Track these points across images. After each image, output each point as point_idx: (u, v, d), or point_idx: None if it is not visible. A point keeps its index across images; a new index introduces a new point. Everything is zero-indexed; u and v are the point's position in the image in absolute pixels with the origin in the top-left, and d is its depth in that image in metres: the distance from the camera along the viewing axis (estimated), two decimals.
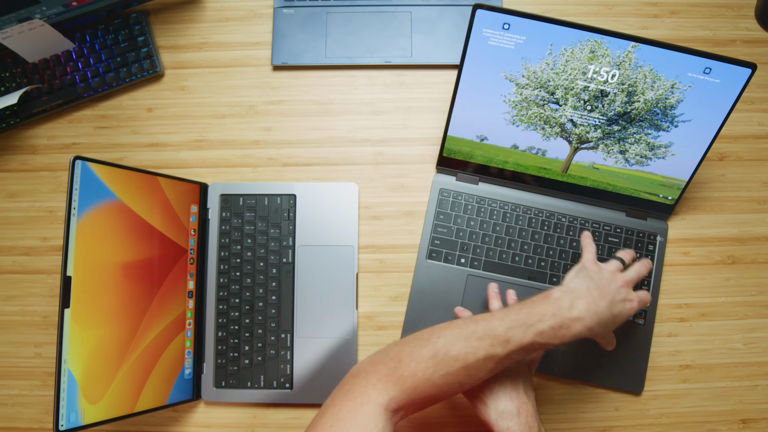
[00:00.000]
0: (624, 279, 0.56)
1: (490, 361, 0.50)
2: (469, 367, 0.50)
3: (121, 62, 0.75)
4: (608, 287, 0.54)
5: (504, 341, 0.50)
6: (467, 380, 0.51)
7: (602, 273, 0.56)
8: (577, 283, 0.54)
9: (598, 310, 0.52)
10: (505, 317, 0.52)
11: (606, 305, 0.52)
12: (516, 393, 0.57)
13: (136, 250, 0.62)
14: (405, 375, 0.49)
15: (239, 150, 0.75)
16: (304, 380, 0.69)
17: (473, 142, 0.70)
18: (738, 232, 0.74)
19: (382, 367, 0.51)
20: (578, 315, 0.51)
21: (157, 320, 0.64)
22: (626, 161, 0.68)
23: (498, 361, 0.50)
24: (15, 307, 0.73)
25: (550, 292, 0.53)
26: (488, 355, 0.50)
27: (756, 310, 0.72)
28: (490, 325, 0.51)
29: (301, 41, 0.76)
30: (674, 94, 0.62)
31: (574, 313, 0.51)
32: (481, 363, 0.50)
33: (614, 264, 0.59)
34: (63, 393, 0.53)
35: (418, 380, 0.49)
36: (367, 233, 0.73)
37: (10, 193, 0.75)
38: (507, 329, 0.50)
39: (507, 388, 0.57)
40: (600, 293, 0.53)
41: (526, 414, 0.56)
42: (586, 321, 0.51)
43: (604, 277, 0.56)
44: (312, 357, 0.69)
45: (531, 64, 0.63)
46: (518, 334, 0.50)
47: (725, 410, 0.70)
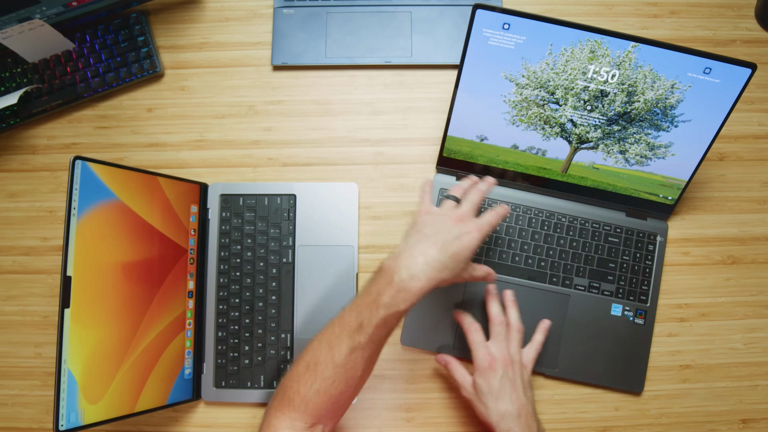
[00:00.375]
0: (456, 215, 0.56)
1: (356, 351, 0.51)
2: (341, 364, 0.51)
3: (121, 62, 0.75)
4: (435, 232, 0.54)
5: (358, 328, 0.51)
6: (350, 376, 0.52)
7: (431, 218, 0.56)
8: (404, 243, 0.54)
9: (429, 260, 0.51)
10: (353, 305, 0.53)
11: (437, 250, 0.52)
12: (516, 395, 0.58)
13: (136, 250, 0.62)
14: (291, 396, 0.52)
15: (239, 150, 0.75)
16: None
17: (473, 142, 0.70)
18: (738, 232, 0.74)
19: (276, 398, 0.54)
20: (411, 273, 0.51)
21: (157, 320, 0.64)
22: (626, 161, 0.68)
23: (365, 348, 0.51)
24: (15, 307, 0.73)
25: (382, 262, 0.54)
26: (351, 347, 0.51)
27: (756, 310, 0.72)
28: (342, 318, 0.52)
29: (301, 41, 0.76)
30: (674, 94, 0.62)
31: (407, 273, 0.51)
32: (349, 357, 0.51)
33: (446, 205, 0.58)
34: (63, 393, 0.53)
35: (304, 395, 0.52)
36: (367, 233, 0.73)
37: (10, 193, 0.75)
38: (357, 316, 0.51)
39: (507, 391, 0.58)
40: (427, 242, 0.53)
41: (526, 415, 0.57)
42: (420, 275, 0.51)
43: (431, 222, 0.55)
44: None
45: (531, 64, 0.63)
46: (367, 316, 0.51)
47: (725, 410, 0.70)
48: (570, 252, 0.71)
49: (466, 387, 0.62)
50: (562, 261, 0.71)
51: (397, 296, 0.50)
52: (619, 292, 0.71)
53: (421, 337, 0.70)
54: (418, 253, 0.52)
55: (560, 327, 0.70)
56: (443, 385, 0.70)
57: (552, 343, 0.69)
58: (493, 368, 0.60)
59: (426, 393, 0.70)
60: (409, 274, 0.51)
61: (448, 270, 0.52)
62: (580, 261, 0.71)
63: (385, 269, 0.52)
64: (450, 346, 0.69)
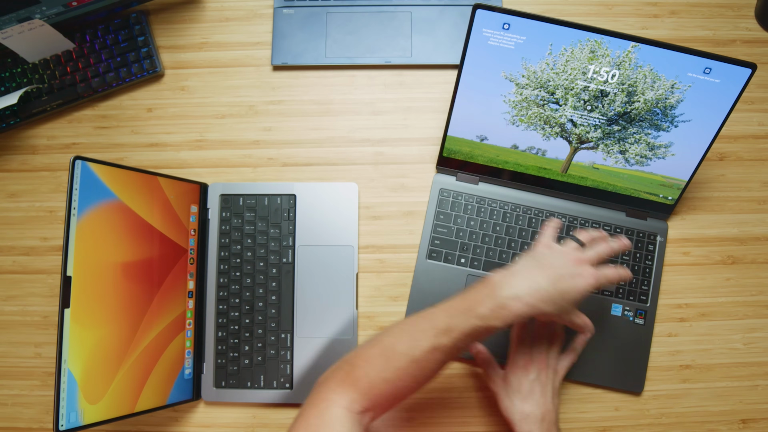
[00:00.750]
0: (576, 256, 0.55)
1: (436, 352, 0.50)
2: (417, 360, 0.50)
3: (121, 62, 0.75)
4: (551, 265, 0.53)
5: (446, 330, 0.50)
6: (420, 374, 0.51)
7: (550, 251, 0.56)
8: (519, 264, 0.54)
9: (538, 287, 0.51)
10: (448, 307, 0.52)
11: (548, 281, 0.51)
12: (544, 399, 0.59)
13: (136, 250, 0.62)
14: (359, 376, 0.51)
15: (239, 150, 0.75)
16: (304, 380, 0.69)
17: (473, 142, 0.70)
18: (738, 232, 0.74)
19: (339, 372, 0.52)
20: (515, 293, 0.50)
21: (157, 320, 0.64)
22: (626, 161, 0.68)
23: (445, 352, 0.50)
24: (15, 307, 0.73)
25: (490, 275, 0.53)
26: (433, 346, 0.50)
27: (756, 310, 0.72)
28: (433, 316, 0.52)
29: (301, 41, 0.76)
30: (674, 94, 0.62)
31: (511, 292, 0.50)
32: (427, 355, 0.50)
33: (568, 244, 0.57)
34: (63, 393, 0.53)
35: (372, 379, 0.50)
36: (367, 233, 0.73)
37: (10, 193, 0.75)
38: (448, 318, 0.51)
39: (536, 393, 0.59)
40: (541, 270, 0.52)
41: (549, 421, 0.58)
42: (525, 299, 0.50)
43: (549, 254, 0.55)
44: (312, 357, 0.69)
45: (531, 64, 0.63)
46: (459, 322, 0.50)
47: (725, 410, 0.70)
48: None
49: (496, 380, 0.62)
50: None
51: (495, 311, 0.50)
52: (619, 292, 0.71)
53: None
54: (527, 277, 0.52)
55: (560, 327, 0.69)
56: (443, 385, 0.70)
57: None
58: (528, 369, 0.60)
59: (426, 393, 0.70)
60: (512, 294, 0.50)
61: (552, 304, 0.51)
62: None
63: (490, 282, 0.52)
64: None
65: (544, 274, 0.52)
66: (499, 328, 0.50)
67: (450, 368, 0.70)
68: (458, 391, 0.70)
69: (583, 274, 0.53)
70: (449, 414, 0.69)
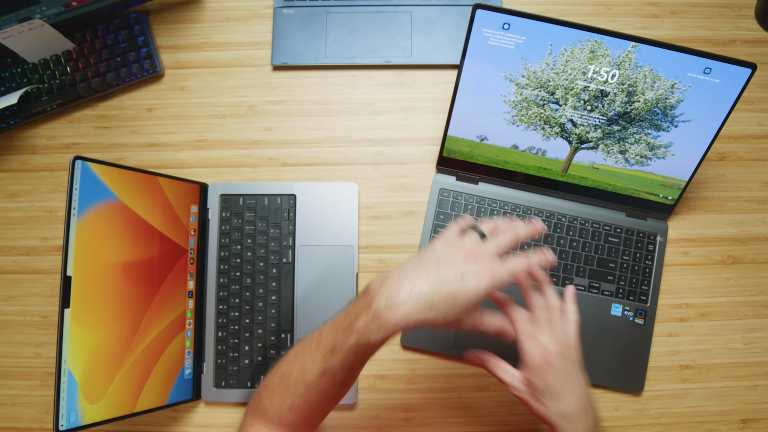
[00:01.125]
0: (469, 251, 0.46)
1: (326, 375, 0.45)
2: (312, 386, 0.46)
3: (121, 62, 0.75)
4: (437, 263, 0.45)
5: (332, 350, 0.45)
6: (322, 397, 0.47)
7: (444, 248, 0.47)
8: (405, 265, 0.46)
9: (419, 293, 0.43)
10: (333, 322, 0.47)
11: (432, 285, 0.43)
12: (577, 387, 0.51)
13: (136, 250, 0.62)
14: (265, 406, 0.49)
15: (239, 150, 0.75)
16: None
17: (473, 142, 0.70)
18: (738, 232, 0.74)
19: (252, 404, 0.51)
20: (390, 302, 0.43)
21: (157, 320, 0.64)
22: (626, 161, 0.68)
23: (335, 374, 0.46)
24: (15, 307, 0.73)
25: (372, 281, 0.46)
26: (322, 370, 0.45)
27: (756, 310, 0.72)
28: (321, 335, 0.46)
29: (301, 41, 0.76)
30: (674, 94, 0.62)
31: (384, 302, 0.43)
32: (320, 380, 0.46)
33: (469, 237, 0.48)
34: (63, 393, 0.53)
35: (278, 409, 0.48)
36: (367, 233, 0.73)
37: (10, 193, 0.75)
38: (333, 335, 0.45)
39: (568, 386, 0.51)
40: (422, 271, 0.44)
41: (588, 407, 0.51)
42: (399, 308, 0.43)
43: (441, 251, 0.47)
44: None
45: (531, 64, 0.63)
46: (342, 340, 0.44)
47: (725, 410, 0.70)
48: (570, 252, 0.71)
49: (517, 386, 0.52)
50: (562, 261, 0.71)
51: (371, 325, 0.43)
52: (619, 292, 0.71)
53: (420, 337, 0.70)
54: (406, 282, 0.44)
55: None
56: (443, 385, 0.70)
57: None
58: (550, 362, 0.50)
59: (426, 393, 0.70)
60: (387, 303, 0.43)
61: (435, 311, 0.43)
62: (580, 261, 0.71)
63: (369, 291, 0.45)
64: (450, 346, 0.69)
65: (427, 277, 0.44)
66: (378, 343, 0.44)
67: (450, 368, 0.70)
68: (458, 391, 0.70)
69: (477, 273, 0.45)
70: (449, 414, 0.69)
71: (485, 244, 0.48)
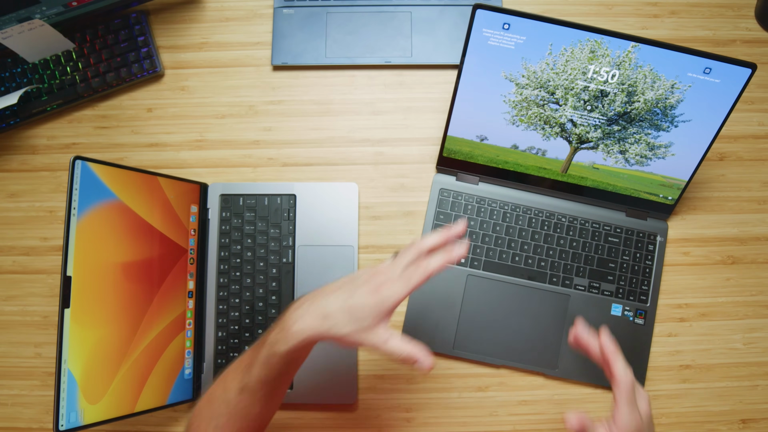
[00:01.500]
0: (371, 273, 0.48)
1: (245, 391, 0.48)
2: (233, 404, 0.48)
3: (121, 62, 0.75)
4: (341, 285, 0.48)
5: (247, 367, 0.48)
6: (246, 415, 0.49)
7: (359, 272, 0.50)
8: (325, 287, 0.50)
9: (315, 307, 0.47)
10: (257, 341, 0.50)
11: (339, 299, 0.46)
12: None
13: (136, 250, 0.62)
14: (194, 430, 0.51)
15: (239, 150, 0.75)
16: (304, 380, 0.69)
17: (473, 142, 0.70)
18: (738, 232, 0.74)
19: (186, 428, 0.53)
20: (298, 314, 0.47)
21: (157, 320, 0.64)
22: (626, 161, 0.68)
23: (254, 390, 0.48)
24: (15, 307, 0.73)
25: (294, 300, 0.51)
26: (240, 387, 0.48)
27: (756, 310, 0.72)
28: (242, 354, 0.50)
29: (301, 41, 0.76)
30: (674, 94, 0.62)
31: (295, 314, 0.47)
32: (240, 398, 0.48)
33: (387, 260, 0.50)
34: (63, 393, 0.53)
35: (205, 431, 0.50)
36: (367, 233, 0.73)
37: (10, 193, 0.75)
38: (251, 353, 0.49)
39: None
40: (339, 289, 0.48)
41: None
42: (302, 319, 0.46)
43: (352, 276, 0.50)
44: (312, 357, 0.69)
45: (531, 64, 0.63)
46: (255, 354, 0.48)
47: (725, 410, 0.70)
48: (570, 252, 0.71)
49: None
50: (562, 261, 0.71)
51: (278, 335, 0.47)
52: (619, 292, 0.71)
53: (420, 337, 0.70)
54: (312, 297, 0.48)
55: (560, 327, 0.70)
56: (443, 385, 0.70)
57: (552, 343, 0.70)
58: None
59: (426, 393, 0.70)
60: (294, 316, 0.47)
61: (330, 322, 0.46)
62: (580, 261, 0.71)
63: (286, 310, 0.49)
64: (450, 346, 0.69)
65: (332, 293, 0.48)
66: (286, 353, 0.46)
67: (450, 368, 0.70)
68: (458, 391, 0.70)
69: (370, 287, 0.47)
70: (449, 414, 0.69)
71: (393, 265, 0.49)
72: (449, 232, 0.51)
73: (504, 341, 0.69)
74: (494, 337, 0.69)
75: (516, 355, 0.69)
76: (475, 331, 0.69)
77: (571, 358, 0.69)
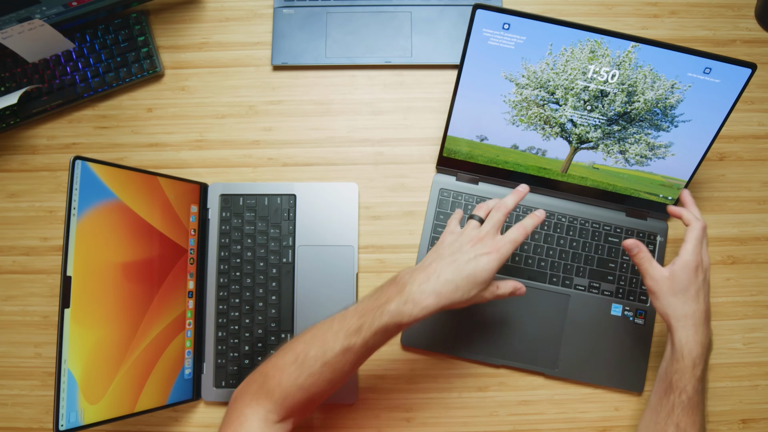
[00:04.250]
0: (472, 236, 0.55)
1: (348, 353, 0.51)
2: (330, 363, 0.51)
3: (121, 62, 0.75)
4: (452, 252, 0.54)
5: (357, 330, 0.51)
6: (334, 377, 0.52)
7: (451, 239, 0.56)
8: (426, 258, 0.55)
9: (445, 280, 0.51)
10: (358, 306, 0.53)
11: (452, 271, 0.52)
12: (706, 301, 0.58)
13: (136, 250, 0.62)
14: (272, 386, 0.52)
15: (239, 150, 0.75)
16: None
17: (473, 142, 0.70)
18: (738, 232, 0.74)
19: (252, 385, 0.54)
20: (422, 288, 0.51)
21: (157, 320, 0.64)
22: (626, 161, 0.68)
23: (357, 352, 0.51)
24: (15, 307, 0.73)
25: (400, 273, 0.54)
26: (344, 347, 0.51)
27: (756, 310, 0.72)
28: (344, 317, 0.52)
29: (301, 41, 0.76)
30: (674, 94, 0.62)
31: (417, 287, 0.51)
32: (340, 357, 0.51)
33: (469, 225, 0.57)
34: (63, 393, 0.53)
35: (286, 388, 0.51)
36: (367, 233, 0.73)
37: (10, 193, 0.75)
38: (359, 317, 0.51)
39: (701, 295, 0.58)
40: (443, 261, 0.53)
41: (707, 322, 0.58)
42: (431, 292, 0.51)
43: (451, 242, 0.55)
44: None
45: (531, 64, 0.63)
46: (369, 320, 0.51)
47: (725, 410, 0.70)
48: (570, 252, 0.71)
49: (658, 278, 0.58)
50: (562, 261, 0.71)
51: (404, 307, 0.50)
52: (619, 292, 0.71)
53: (421, 337, 0.70)
54: (432, 272, 0.52)
55: (560, 327, 0.70)
56: (443, 385, 0.70)
57: (552, 343, 0.70)
58: (698, 272, 0.57)
59: (426, 393, 0.70)
60: (420, 289, 0.51)
61: (461, 291, 0.52)
62: (580, 261, 0.71)
63: (399, 279, 0.53)
64: (450, 347, 0.69)
65: (447, 265, 0.52)
66: (408, 323, 0.51)
67: (450, 368, 0.70)
68: (458, 391, 0.70)
69: (486, 252, 0.53)
70: (449, 414, 0.69)
71: (483, 227, 0.56)
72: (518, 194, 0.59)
73: (504, 341, 0.69)
74: (494, 337, 0.69)
75: (516, 355, 0.69)
76: (475, 331, 0.69)
77: (571, 358, 0.69)
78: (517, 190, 0.59)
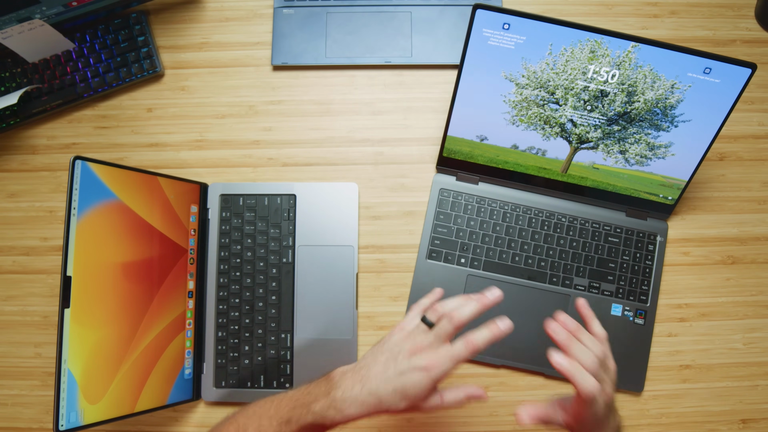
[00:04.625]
0: (411, 345, 0.49)
1: None
2: None
3: (121, 62, 0.75)
4: (386, 359, 0.49)
5: (287, 421, 0.48)
6: None
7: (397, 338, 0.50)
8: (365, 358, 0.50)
9: (365, 390, 0.48)
10: (294, 395, 0.50)
11: (378, 382, 0.48)
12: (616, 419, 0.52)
13: (136, 250, 0.62)
14: None
15: (239, 150, 0.75)
16: (304, 380, 0.69)
17: (473, 142, 0.70)
18: (738, 232, 0.74)
19: None
20: (345, 396, 0.47)
21: (157, 320, 0.64)
22: (626, 161, 0.68)
23: None
24: (15, 307, 0.73)
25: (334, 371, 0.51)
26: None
27: (756, 310, 0.72)
28: (281, 403, 0.50)
29: (301, 41, 0.76)
30: (674, 94, 0.62)
31: (341, 394, 0.48)
32: None
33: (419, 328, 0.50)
34: (63, 393, 0.53)
35: None
36: (367, 233, 0.73)
37: (10, 193, 0.75)
38: (290, 409, 0.49)
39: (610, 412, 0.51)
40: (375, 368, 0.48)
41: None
42: (354, 402, 0.47)
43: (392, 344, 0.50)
44: (312, 357, 0.69)
45: (531, 64, 0.63)
46: (298, 415, 0.48)
47: (725, 410, 0.70)
48: (570, 252, 0.71)
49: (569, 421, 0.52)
50: (562, 261, 0.71)
51: (328, 412, 0.48)
52: (619, 292, 0.71)
53: None
54: (360, 378, 0.48)
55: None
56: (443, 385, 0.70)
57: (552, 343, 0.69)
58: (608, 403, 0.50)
59: None
60: (343, 397, 0.47)
61: (387, 404, 0.47)
62: (580, 261, 0.71)
63: (331, 378, 0.50)
64: None
65: (377, 374, 0.48)
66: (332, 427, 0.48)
67: None
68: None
69: (422, 367, 0.47)
70: (449, 414, 0.69)
71: (428, 336, 0.49)
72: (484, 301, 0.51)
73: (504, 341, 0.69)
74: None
75: (516, 355, 0.69)
76: None
77: None
78: (484, 296, 0.52)
